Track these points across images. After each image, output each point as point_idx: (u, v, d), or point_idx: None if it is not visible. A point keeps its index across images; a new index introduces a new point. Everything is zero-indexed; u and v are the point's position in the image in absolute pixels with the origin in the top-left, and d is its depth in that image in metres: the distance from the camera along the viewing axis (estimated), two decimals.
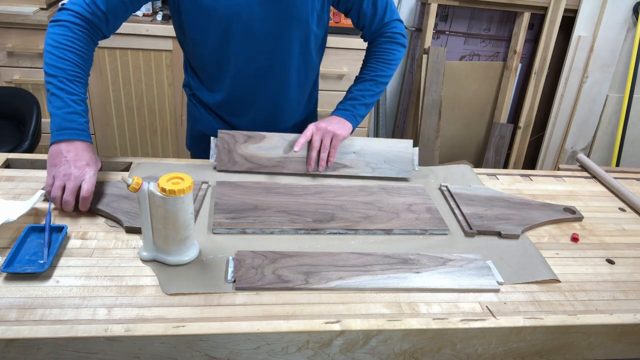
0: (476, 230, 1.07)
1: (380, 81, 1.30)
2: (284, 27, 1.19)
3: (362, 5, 1.23)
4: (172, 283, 0.85)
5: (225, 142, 1.22)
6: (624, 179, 1.41)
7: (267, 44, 1.21)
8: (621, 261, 1.04)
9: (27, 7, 2.06)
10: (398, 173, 1.25)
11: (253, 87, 1.28)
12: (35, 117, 1.82)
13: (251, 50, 1.21)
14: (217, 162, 1.21)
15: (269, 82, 1.27)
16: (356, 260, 0.94)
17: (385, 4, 1.26)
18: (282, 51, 1.23)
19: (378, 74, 1.29)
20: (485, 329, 0.83)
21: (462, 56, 2.81)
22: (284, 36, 1.20)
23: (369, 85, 1.29)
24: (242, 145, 1.23)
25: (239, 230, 1.00)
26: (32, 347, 0.73)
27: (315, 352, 0.81)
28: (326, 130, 1.21)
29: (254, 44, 1.20)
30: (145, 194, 0.85)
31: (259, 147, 1.23)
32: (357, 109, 1.27)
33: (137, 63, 2.19)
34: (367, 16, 1.26)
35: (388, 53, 1.29)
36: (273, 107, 1.33)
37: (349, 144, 1.27)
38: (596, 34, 2.65)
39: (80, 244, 0.93)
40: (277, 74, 1.27)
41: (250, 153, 1.22)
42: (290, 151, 1.23)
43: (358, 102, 1.27)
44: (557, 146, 2.92)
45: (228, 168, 1.21)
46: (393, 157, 1.27)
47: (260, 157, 1.22)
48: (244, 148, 1.23)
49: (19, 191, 1.06)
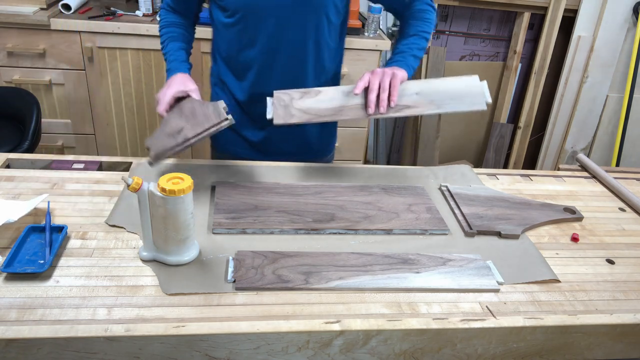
0: (476, 230, 1.07)
1: (423, 36, 1.28)
2: (297, 13, 1.19)
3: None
4: (172, 283, 0.85)
5: (281, 100, 1.17)
6: (624, 179, 1.41)
7: (280, 30, 1.21)
8: (621, 261, 1.04)
9: (27, 7, 2.06)
10: (470, 106, 1.14)
11: (271, 74, 1.29)
12: (35, 117, 1.82)
13: (266, 35, 1.22)
14: (275, 116, 1.14)
15: (285, 69, 1.28)
16: (356, 260, 0.94)
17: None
18: (295, 38, 1.23)
19: (420, 30, 1.28)
20: (485, 329, 0.83)
21: (462, 56, 2.81)
22: (296, 23, 1.21)
23: (413, 39, 1.27)
24: (298, 100, 1.17)
25: (239, 230, 1.00)
26: (32, 347, 0.73)
27: (315, 352, 0.81)
28: (384, 72, 1.15)
29: (267, 29, 1.21)
30: (145, 194, 0.85)
31: (316, 100, 1.17)
32: (407, 59, 1.24)
33: (137, 63, 2.18)
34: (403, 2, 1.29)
35: (423, 12, 1.30)
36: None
37: (408, 87, 1.17)
38: (596, 34, 2.65)
39: (80, 244, 0.93)
40: (293, 60, 1.27)
41: (307, 106, 1.16)
42: (347, 99, 1.16)
43: (408, 54, 1.25)
44: (557, 146, 2.92)
45: (286, 121, 1.14)
46: (460, 93, 1.16)
47: (319, 109, 1.16)
48: (300, 103, 1.16)
49: (19, 191, 1.07)
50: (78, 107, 2.24)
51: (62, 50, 2.11)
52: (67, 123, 2.27)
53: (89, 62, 2.15)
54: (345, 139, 2.43)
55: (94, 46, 2.11)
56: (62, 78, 2.16)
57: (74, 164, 1.20)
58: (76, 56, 2.13)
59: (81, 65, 2.15)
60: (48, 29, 2.05)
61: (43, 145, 2.27)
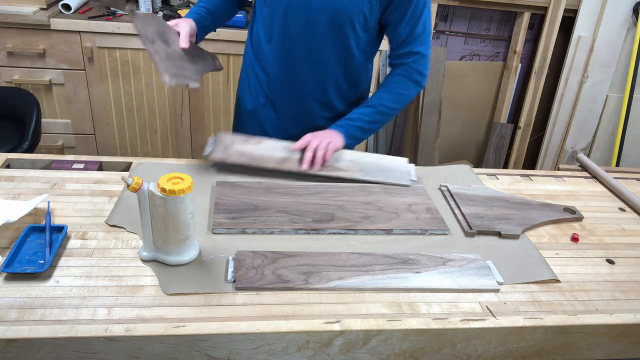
0: (476, 230, 1.07)
1: (383, 111, 1.30)
2: (322, 20, 1.20)
3: (400, 25, 1.23)
4: (172, 283, 0.85)
5: (222, 140, 1.24)
6: (624, 179, 1.41)
7: (304, 35, 1.23)
8: (621, 261, 1.04)
9: (27, 7, 2.06)
10: (396, 180, 1.23)
11: (295, 75, 1.30)
12: (35, 117, 1.82)
13: (291, 35, 1.24)
14: (213, 153, 1.20)
15: (308, 74, 1.30)
16: (356, 260, 0.94)
17: (420, 35, 1.25)
18: (318, 45, 1.24)
19: (383, 104, 1.29)
20: (485, 329, 0.83)
21: (462, 56, 2.81)
22: (321, 30, 1.22)
23: (371, 111, 1.29)
24: (239, 144, 1.25)
25: (239, 230, 1.00)
26: (32, 347, 0.73)
27: (315, 352, 0.81)
28: (324, 135, 1.23)
29: (293, 31, 1.23)
30: (145, 194, 0.85)
31: (255, 147, 1.25)
32: (351, 129, 1.27)
33: (137, 63, 2.18)
34: (400, 38, 1.26)
35: (400, 86, 1.30)
36: (315, 101, 1.35)
37: (344, 154, 1.27)
38: (596, 34, 2.65)
39: (80, 244, 0.93)
40: (316, 67, 1.29)
41: (246, 151, 1.23)
42: (285, 152, 1.24)
43: (354, 124, 1.28)
44: (557, 146, 2.92)
45: (223, 159, 1.20)
46: (389, 168, 1.27)
47: (256, 154, 1.23)
48: (240, 147, 1.24)
49: (19, 191, 1.07)
50: (78, 107, 2.24)
51: (62, 50, 2.11)
52: (67, 123, 2.27)
53: (89, 62, 2.14)
54: None
55: (94, 46, 2.11)
56: (62, 78, 2.16)
57: (74, 164, 1.20)
58: (76, 56, 2.12)
59: (81, 65, 2.15)
60: (48, 29, 2.05)
61: (43, 145, 2.27)
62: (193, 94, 2.27)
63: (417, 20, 1.23)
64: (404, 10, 1.20)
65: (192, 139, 2.37)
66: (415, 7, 1.20)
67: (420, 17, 1.23)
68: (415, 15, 1.22)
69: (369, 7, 1.19)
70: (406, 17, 1.21)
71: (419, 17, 1.22)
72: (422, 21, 1.24)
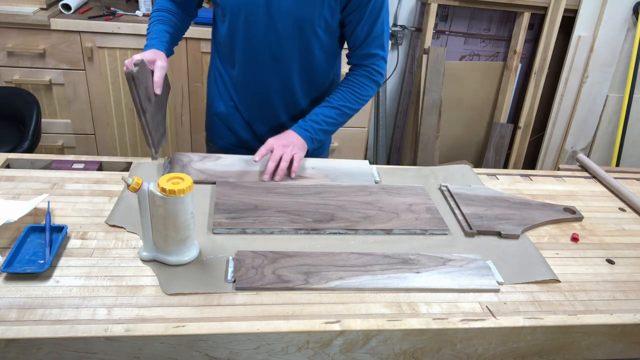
0: (476, 230, 1.07)
1: (346, 112, 1.30)
2: (285, 27, 1.20)
3: (358, 26, 1.24)
4: (172, 283, 0.85)
5: (179, 160, 1.23)
6: (624, 179, 1.41)
7: (266, 42, 1.23)
8: (621, 261, 1.04)
9: (27, 7, 2.06)
10: (361, 182, 1.23)
11: (259, 78, 1.30)
12: (35, 117, 1.82)
13: (254, 42, 1.24)
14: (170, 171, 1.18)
15: (273, 77, 1.29)
16: (356, 260, 0.94)
17: (378, 36, 1.26)
18: (281, 50, 1.24)
19: (346, 105, 1.29)
20: (485, 329, 0.83)
21: (462, 56, 2.81)
22: (284, 36, 1.22)
23: (334, 113, 1.29)
24: (197, 162, 1.23)
25: (239, 230, 1.00)
26: (32, 347, 0.73)
27: (315, 352, 0.81)
28: (286, 144, 1.22)
29: (255, 37, 1.23)
30: (145, 194, 0.85)
31: (214, 163, 1.24)
32: (316, 133, 1.28)
33: None
34: (358, 39, 1.26)
35: (362, 87, 1.30)
36: (281, 101, 1.34)
37: (305, 162, 1.28)
38: (596, 34, 2.65)
39: (80, 244, 0.93)
40: (280, 71, 1.28)
41: (205, 167, 1.22)
42: (246, 165, 1.24)
43: (319, 127, 1.28)
44: (557, 146, 2.92)
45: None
46: (352, 172, 1.27)
47: (216, 170, 1.21)
48: (199, 164, 1.22)
49: (19, 191, 1.07)
50: (78, 107, 2.24)
51: (62, 50, 2.11)
52: (67, 123, 2.27)
53: (89, 62, 2.15)
54: (345, 139, 2.43)
55: (94, 46, 2.11)
56: (62, 78, 2.16)
57: (74, 164, 1.20)
58: (76, 56, 2.13)
59: (81, 65, 2.15)
60: (48, 29, 2.05)
61: (43, 145, 2.27)
62: (193, 94, 2.27)
63: (374, 22, 1.24)
64: (362, 12, 1.21)
65: (192, 139, 2.37)
66: (372, 9, 1.21)
67: (377, 19, 1.23)
68: (372, 16, 1.22)
69: (330, 11, 1.20)
70: (364, 18, 1.22)
71: (375, 18, 1.23)
72: (380, 22, 1.24)
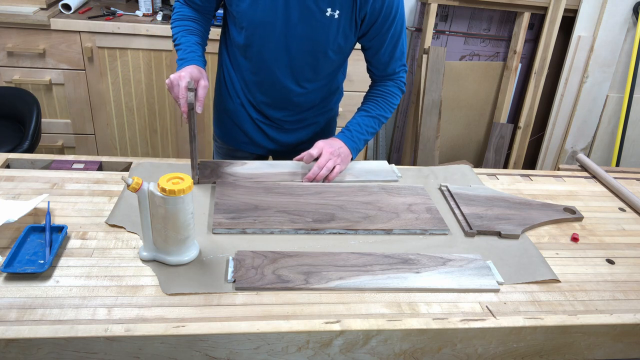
0: (476, 230, 1.07)
1: (382, 121, 1.34)
2: (299, 49, 1.21)
3: (380, 51, 1.25)
4: (172, 283, 0.85)
5: (207, 166, 1.23)
6: (624, 179, 1.41)
7: (280, 57, 1.23)
8: (621, 261, 1.04)
9: (27, 7, 2.06)
10: (384, 178, 1.26)
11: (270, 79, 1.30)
12: (35, 117, 1.82)
13: (267, 54, 1.23)
14: (200, 176, 1.19)
15: (287, 79, 1.29)
16: (356, 260, 0.94)
17: (401, 56, 1.29)
18: (295, 62, 1.24)
19: (382, 114, 1.33)
20: (485, 329, 0.83)
21: (462, 56, 2.81)
22: (296, 55, 1.22)
23: (374, 122, 1.32)
24: (225, 167, 1.24)
25: (239, 230, 1.00)
26: (32, 347, 0.73)
27: (315, 352, 0.81)
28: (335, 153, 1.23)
29: (268, 51, 1.22)
30: (145, 194, 0.85)
31: (242, 167, 1.25)
32: (360, 144, 1.30)
33: (137, 63, 2.18)
34: (381, 62, 1.29)
35: (393, 97, 1.33)
36: (284, 107, 1.35)
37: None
38: (596, 34, 2.65)
39: (80, 244, 0.93)
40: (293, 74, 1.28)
41: (234, 171, 1.23)
42: (271, 168, 1.25)
43: (363, 137, 1.31)
44: (557, 146, 2.92)
45: (210, 180, 1.18)
46: (374, 170, 1.29)
47: (244, 173, 1.22)
48: (227, 169, 1.23)
49: (19, 191, 1.07)
50: (78, 107, 2.24)
51: (62, 50, 2.11)
52: (67, 123, 2.27)
53: (89, 62, 2.15)
54: None
55: (94, 46, 2.11)
56: (62, 78, 2.16)
57: (74, 164, 1.20)
58: (76, 56, 2.13)
59: (81, 65, 2.15)
60: (48, 29, 2.05)
61: (43, 145, 2.27)
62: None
63: (396, 45, 1.26)
64: (383, 38, 1.22)
65: None
66: (393, 34, 1.23)
67: (398, 41, 1.25)
68: (394, 40, 1.24)
69: (344, 37, 1.21)
70: (385, 44, 1.24)
71: (397, 41, 1.25)
72: (401, 44, 1.27)
